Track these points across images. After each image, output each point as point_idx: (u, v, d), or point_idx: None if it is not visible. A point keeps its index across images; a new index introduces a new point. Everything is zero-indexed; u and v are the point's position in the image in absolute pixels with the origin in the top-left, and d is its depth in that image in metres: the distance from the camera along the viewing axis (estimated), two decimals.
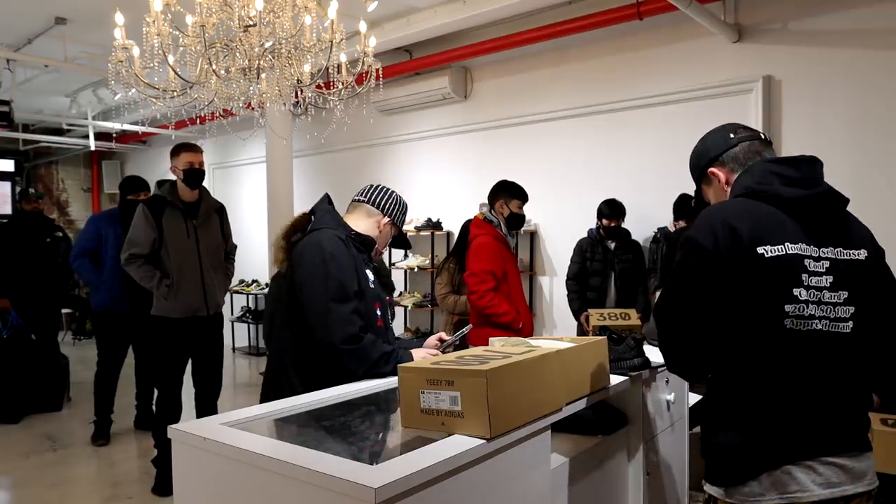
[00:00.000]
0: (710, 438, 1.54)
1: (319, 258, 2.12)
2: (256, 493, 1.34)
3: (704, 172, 1.75)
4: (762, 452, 1.45)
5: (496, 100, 6.10)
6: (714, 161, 1.72)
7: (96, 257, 4.72)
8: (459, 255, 4.12)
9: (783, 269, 1.47)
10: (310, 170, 7.55)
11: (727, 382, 1.51)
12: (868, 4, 4.14)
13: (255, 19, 2.95)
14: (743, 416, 1.47)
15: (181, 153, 3.79)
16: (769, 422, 1.45)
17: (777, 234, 1.51)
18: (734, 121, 1.92)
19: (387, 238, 2.41)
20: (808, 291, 1.48)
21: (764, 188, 1.58)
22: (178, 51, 3.11)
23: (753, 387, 1.47)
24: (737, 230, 1.48)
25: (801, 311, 1.47)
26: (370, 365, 2.08)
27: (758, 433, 1.45)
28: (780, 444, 1.44)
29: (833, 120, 4.26)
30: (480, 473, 1.39)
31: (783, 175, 1.61)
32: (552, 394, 1.65)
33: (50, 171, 11.08)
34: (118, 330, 4.70)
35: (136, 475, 4.13)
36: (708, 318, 1.48)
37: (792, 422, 1.45)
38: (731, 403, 1.50)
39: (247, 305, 8.43)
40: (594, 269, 4.71)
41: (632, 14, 4.73)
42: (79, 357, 6.88)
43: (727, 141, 1.72)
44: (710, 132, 1.79)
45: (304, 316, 2.12)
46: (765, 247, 1.48)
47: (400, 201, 2.46)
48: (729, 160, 1.70)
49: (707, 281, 1.47)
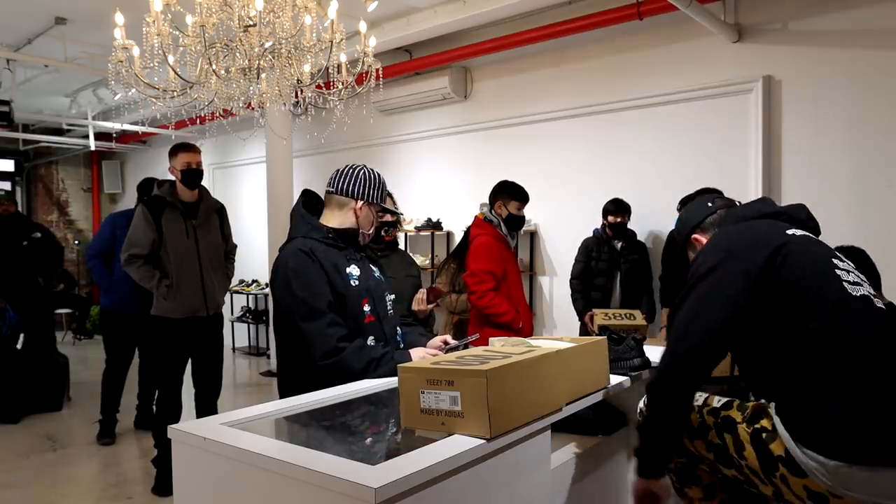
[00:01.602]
0: (811, 411, 1.44)
1: (284, 279, 2.12)
2: (256, 493, 1.34)
3: (688, 239, 1.93)
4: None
5: (496, 100, 6.10)
6: (696, 228, 1.90)
7: (110, 258, 4.73)
8: (460, 256, 4.12)
9: (815, 242, 1.62)
10: (310, 170, 7.54)
11: (802, 370, 1.46)
12: (868, 4, 4.14)
13: (255, 19, 2.95)
14: (843, 390, 1.41)
15: (179, 153, 3.78)
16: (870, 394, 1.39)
17: (787, 226, 1.66)
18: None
19: (369, 220, 2.27)
20: (843, 262, 1.60)
21: (763, 209, 1.77)
22: (178, 51, 3.11)
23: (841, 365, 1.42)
24: (760, 232, 1.63)
25: (851, 277, 1.56)
26: (356, 374, 2.04)
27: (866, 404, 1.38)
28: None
29: (833, 120, 4.26)
30: (480, 473, 1.39)
31: (768, 206, 1.80)
32: (552, 394, 1.65)
33: (50, 171, 11.07)
34: (127, 330, 4.71)
35: (136, 475, 4.13)
36: (739, 327, 1.57)
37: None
38: (822, 382, 1.43)
39: (247, 305, 8.42)
40: (600, 269, 4.70)
41: (632, 14, 4.72)
42: (79, 357, 6.87)
43: (706, 209, 1.91)
44: (691, 204, 2.01)
45: (284, 335, 2.17)
46: (790, 230, 1.63)
47: (368, 178, 2.26)
48: (709, 226, 1.87)
49: (750, 287, 1.55)
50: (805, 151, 4.36)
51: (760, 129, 4.46)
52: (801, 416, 1.43)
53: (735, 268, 1.56)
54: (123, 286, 4.60)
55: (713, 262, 1.61)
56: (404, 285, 3.07)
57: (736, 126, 4.59)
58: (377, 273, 2.37)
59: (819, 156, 4.29)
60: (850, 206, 4.19)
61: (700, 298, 1.61)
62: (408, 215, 6.56)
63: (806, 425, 1.42)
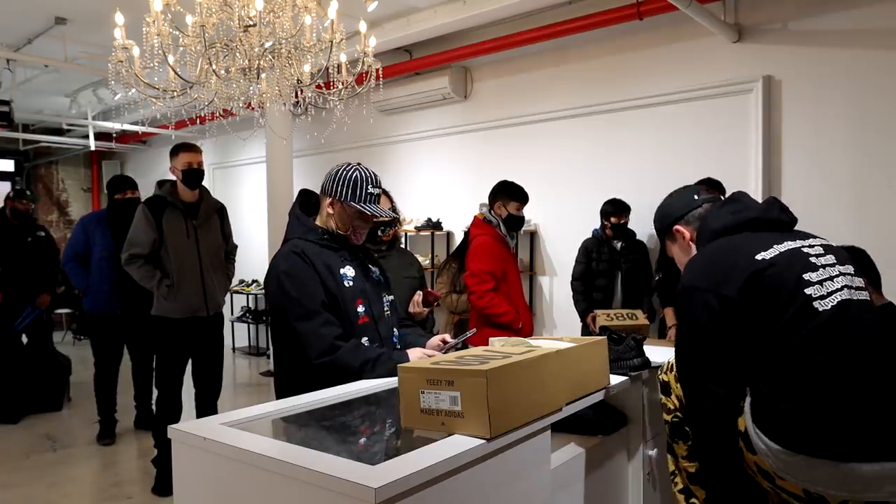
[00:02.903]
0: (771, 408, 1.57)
1: (276, 281, 2.13)
2: (256, 493, 1.34)
3: (669, 229, 1.91)
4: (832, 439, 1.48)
5: (496, 100, 6.10)
6: (679, 220, 1.89)
7: (87, 260, 4.72)
8: (461, 256, 4.12)
9: (788, 262, 1.59)
10: (310, 170, 7.54)
11: (776, 384, 1.56)
12: (868, 4, 4.13)
13: (255, 19, 2.95)
14: (806, 404, 1.51)
15: (180, 153, 3.79)
16: (833, 407, 1.49)
17: (763, 244, 1.64)
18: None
19: (346, 221, 2.20)
20: (822, 270, 1.60)
21: (732, 219, 1.73)
22: (178, 51, 3.11)
23: (810, 379, 1.52)
24: (730, 260, 1.62)
25: (823, 289, 1.57)
26: (352, 373, 2.03)
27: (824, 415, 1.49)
28: (845, 436, 1.48)
29: (833, 120, 4.26)
30: (480, 473, 1.39)
31: (737, 210, 1.77)
32: (552, 394, 1.65)
33: (50, 171, 11.07)
34: (111, 331, 4.71)
35: (136, 475, 4.13)
36: (734, 353, 1.59)
37: (853, 412, 1.48)
38: (791, 395, 1.53)
39: (247, 305, 8.42)
40: (600, 270, 4.69)
41: (632, 14, 4.72)
42: (79, 357, 6.87)
43: (692, 202, 1.89)
44: (676, 192, 1.99)
45: (280, 337, 2.19)
46: (760, 254, 1.61)
47: (338, 175, 2.19)
48: (693, 220, 1.86)
49: (725, 320, 1.59)
50: (805, 151, 4.36)
51: (760, 130, 4.46)
52: (764, 409, 1.58)
53: (701, 301, 1.62)
54: (101, 288, 4.61)
55: (685, 300, 1.68)
56: (401, 287, 3.03)
57: (736, 126, 4.59)
58: (377, 274, 2.36)
59: (819, 156, 4.28)
60: (850, 206, 4.19)
61: (683, 340, 1.71)
62: (408, 215, 6.56)
63: (765, 416, 1.57)
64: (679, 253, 1.92)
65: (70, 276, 4.86)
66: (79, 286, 4.78)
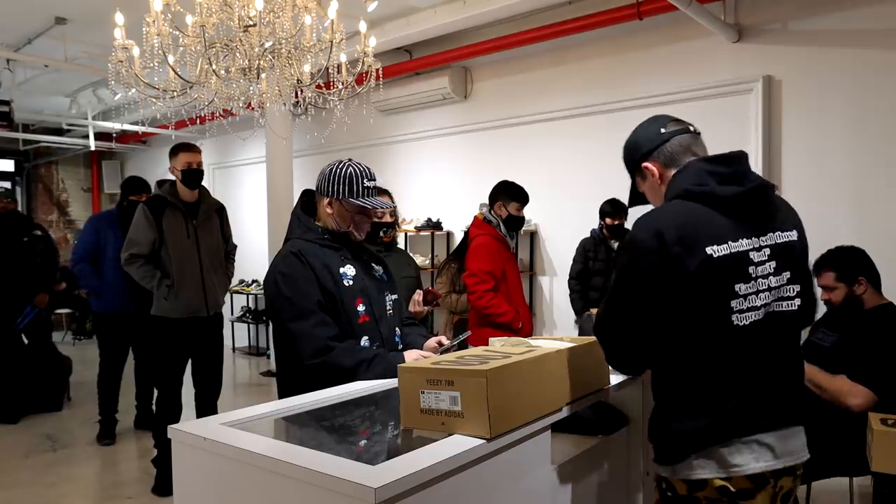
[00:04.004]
0: (660, 425, 1.62)
1: (273, 282, 2.14)
2: (256, 493, 1.34)
3: (638, 166, 1.83)
4: (710, 435, 1.53)
5: (496, 100, 6.10)
6: (647, 156, 1.79)
7: (97, 260, 4.70)
8: (461, 256, 4.12)
9: (730, 268, 1.54)
10: (310, 170, 7.54)
11: (675, 374, 1.59)
12: (868, 4, 4.14)
13: (255, 19, 2.95)
14: (694, 405, 1.55)
15: (179, 153, 3.78)
16: (718, 407, 1.53)
17: (719, 234, 1.56)
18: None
19: (346, 219, 2.19)
20: (755, 282, 1.55)
21: (701, 189, 1.63)
22: (178, 51, 3.11)
23: (702, 378, 1.55)
24: (682, 232, 1.54)
25: (746, 303, 1.54)
26: (346, 373, 2.02)
27: (707, 418, 1.53)
28: (726, 425, 1.52)
29: (833, 120, 4.26)
30: (480, 473, 1.39)
31: (717, 173, 1.65)
32: (552, 394, 1.65)
33: (50, 171, 11.08)
34: (121, 331, 4.70)
35: (136, 475, 4.13)
36: (651, 317, 1.55)
37: (738, 404, 1.53)
38: (680, 394, 1.58)
39: (247, 305, 8.43)
40: (597, 269, 4.71)
41: (632, 14, 4.72)
42: (79, 357, 6.87)
43: (659, 136, 1.79)
44: (641, 125, 1.89)
45: (278, 337, 2.20)
46: (712, 247, 1.54)
47: (333, 173, 2.17)
48: (661, 155, 1.77)
49: (653, 281, 1.54)
50: (805, 151, 4.36)
51: (760, 129, 4.47)
52: (656, 424, 1.64)
53: (660, 255, 1.54)
54: (116, 288, 4.59)
55: (638, 244, 1.59)
56: (399, 287, 3.04)
57: (736, 126, 4.59)
58: (380, 273, 2.35)
59: (819, 156, 4.28)
60: (850, 206, 4.19)
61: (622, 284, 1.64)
62: (408, 215, 6.56)
63: (660, 433, 1.62)
64: (649, 193, 1.84)
65: (81, 278, 4.82)
66: (91, 287, 4.74)
